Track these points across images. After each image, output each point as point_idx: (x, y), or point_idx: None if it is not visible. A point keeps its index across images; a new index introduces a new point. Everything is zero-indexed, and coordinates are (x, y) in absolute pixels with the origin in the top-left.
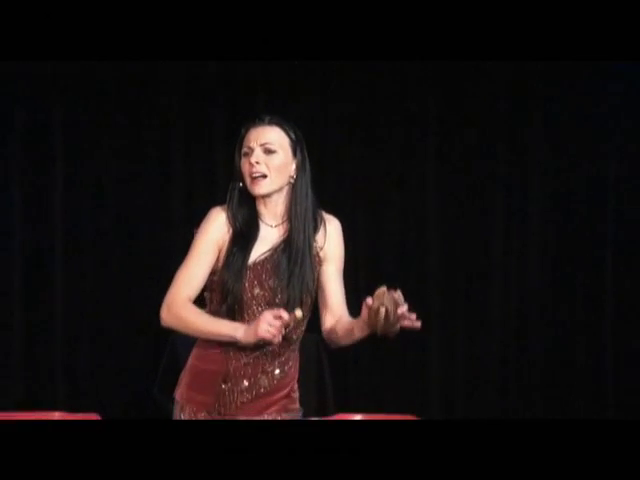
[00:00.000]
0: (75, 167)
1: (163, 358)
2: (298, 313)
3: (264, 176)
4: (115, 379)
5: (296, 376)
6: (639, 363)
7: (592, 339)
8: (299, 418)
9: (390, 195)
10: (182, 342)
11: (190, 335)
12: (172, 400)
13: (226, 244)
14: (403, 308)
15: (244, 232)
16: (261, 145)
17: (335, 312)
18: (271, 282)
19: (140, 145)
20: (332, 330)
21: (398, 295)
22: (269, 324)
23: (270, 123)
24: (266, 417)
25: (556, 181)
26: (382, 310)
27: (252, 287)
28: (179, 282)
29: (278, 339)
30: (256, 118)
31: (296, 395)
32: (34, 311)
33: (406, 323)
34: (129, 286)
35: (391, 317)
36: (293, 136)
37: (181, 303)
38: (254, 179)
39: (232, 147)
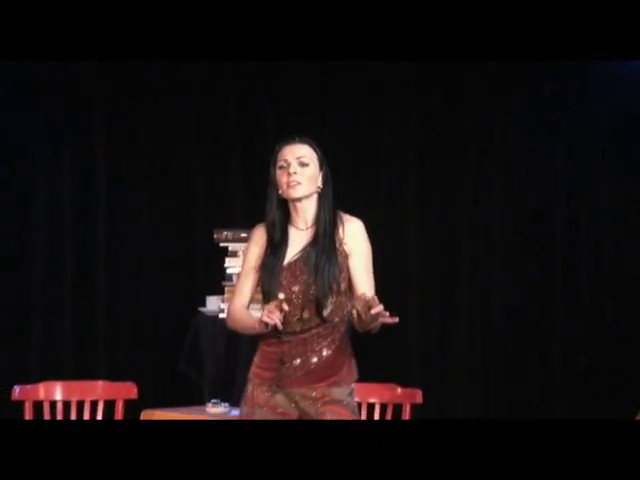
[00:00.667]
0: (117, 166)
1: (187, 337)
2: (280, 296)
3: (299, 183)
4: (149, 354)
5: (347, 354)
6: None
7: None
8: (349, 393)
9: (374, 203)
10: (203, 324)
11: (246, 333)
12: (196, 371)
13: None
14: (377, 309)
15: (277, 239)
16: (297, 159)
17: None
18: (305, 277)
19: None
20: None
21: (370, 298)
22: (268, 311)
23: (301, 141)
24: (315, 394)
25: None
26: (354, 311)
27: (289, 284)
28: (234, 294)
29: (274, 322)
30: (288, 137)
31: (345, 372)
32: (81, 300)
33: (382, 320)
34: (160, 275)
35: (363, 316)
36: (319, 152)
37: (236, 310)
38: (291, 186)
39: (245, 150)
